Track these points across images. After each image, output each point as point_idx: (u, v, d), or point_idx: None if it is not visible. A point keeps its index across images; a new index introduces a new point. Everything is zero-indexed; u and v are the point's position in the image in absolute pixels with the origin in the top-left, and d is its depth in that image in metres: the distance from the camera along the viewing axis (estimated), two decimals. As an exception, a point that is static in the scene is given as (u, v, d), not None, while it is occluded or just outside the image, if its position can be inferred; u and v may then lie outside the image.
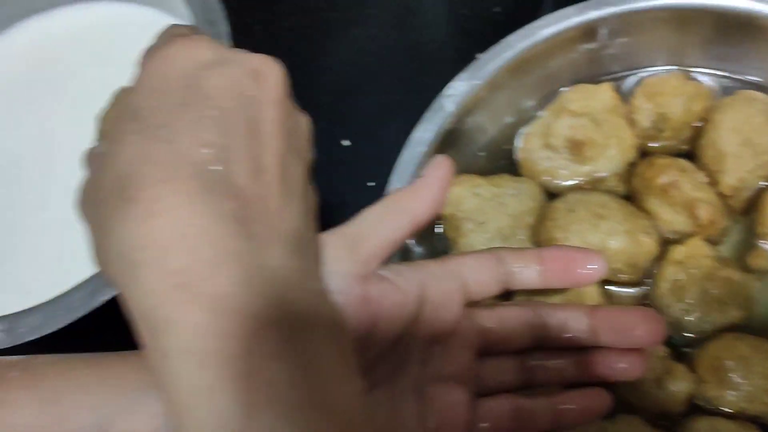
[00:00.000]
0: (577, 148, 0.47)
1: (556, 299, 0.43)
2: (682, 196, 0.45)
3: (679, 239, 0.46)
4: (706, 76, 0.51)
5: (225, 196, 0.25)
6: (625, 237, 0.44)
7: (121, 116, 0.28)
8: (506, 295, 0.38)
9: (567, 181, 0.49)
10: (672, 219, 0.46)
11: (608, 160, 0.48)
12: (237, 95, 0.27)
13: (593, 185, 0.49)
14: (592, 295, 0.45)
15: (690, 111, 0.48)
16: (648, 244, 0.45)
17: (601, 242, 0.44)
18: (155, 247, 0.24)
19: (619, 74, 0.52)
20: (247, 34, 0.65)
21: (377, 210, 0.33)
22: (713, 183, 0.47)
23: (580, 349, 0.37)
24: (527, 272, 0.36)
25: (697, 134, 0.48)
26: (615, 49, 0.50)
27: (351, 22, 0.64)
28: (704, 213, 0.45)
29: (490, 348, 0.37)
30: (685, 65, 0.51)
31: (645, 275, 0.46)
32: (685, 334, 0.44)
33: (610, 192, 0.48)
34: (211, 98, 0.27)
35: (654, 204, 0.46)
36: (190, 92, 0.27)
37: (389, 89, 0.48)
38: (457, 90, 0.46)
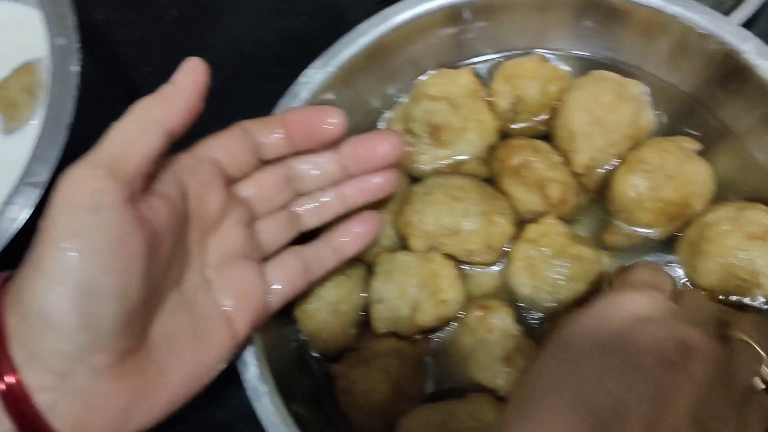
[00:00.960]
0: (436, 132, 0.48)
1: (414, 280, 0.44)
2: (535, 175, 0.46)
3: (536, 219, 0.47)
4: (567, 58, 0.51)
5: None
6: (480, 218, 0.45)
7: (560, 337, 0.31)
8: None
9: (428, 165, 0.49)
10: (526, 199, 0.47)
11: (468, 144, 0.48)
12: (658, 358, 0.29)
13: (454, 169, 0.49)
14: (449, 276, 0.45)
15: (546, 93, 0.49)
16: (503, 225, 0.46)
17: (456, 224, 0.45)
18: None
19: (483, 58, 0.52)
20: (128, 26, 0.64)
21: (127, 126, 0.31)
22: (567, 162, 0.47)
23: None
24: (274, 139, 0.38)
25: (553, 115, 0.49)
26: (476, 33, 0.50)
27: (230, 11, 0.64)
28: (555, 192, 0.45)
29: (259, 212, 0.39)
30: (547, 48, 0.51)
31: (502, 256, 0.47)
32: (538, 312, 0.45)
33: (471, 175, 0.49)
34: (629, 350, 0.29)
35: (509, 185, 0.47)
36: (613, 340, 0.29)
37: (269, 77, 0.48)
38: (311, 77, 0.46)
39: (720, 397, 0.29)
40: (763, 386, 0.32)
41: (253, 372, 0.41)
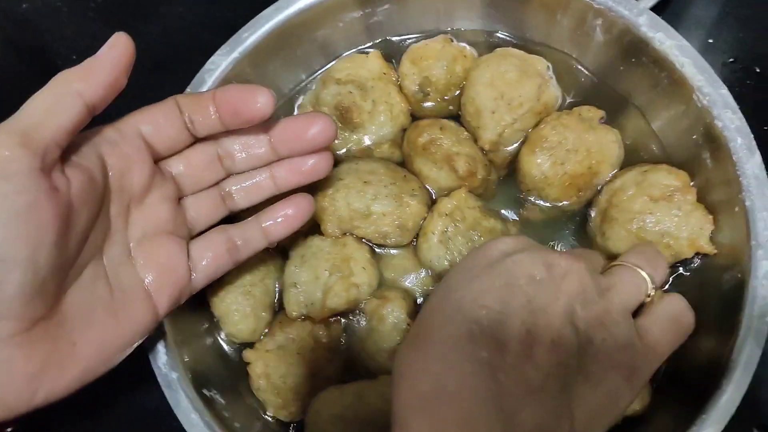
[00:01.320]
0: (345, 116, 0.48)
1: (326, 264, 0.45)
2: (442, 151, 0.46)
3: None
4: (474, 38, 0.52)
5: (484, 346, 0.30)
6: (390, 200, 0.45)
7: (440, 284, 0.35)
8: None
9: (340, 150, 0.49)
10: (436, 176, 0.47)
11: (379, 126, 0.49)
12: (527, 277, 0.33)
13: (368, 153, 0.49)
14: (362, 259, 0.46)
15: (452, 73, 0.49)
16: (414, 206, 0.46)
17: (367, 207, 0.45)
18: (413, 370, 0.31)
19: (395, 42, 0.52)
20: (54, 15, 0.63)
21: (45, 96, 0.31)
22: (475, 139, 0.48)
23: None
24: (206, 116, 0.37)
25: (461, 94, 0.49)
26: (383, 16, 0.50)
27: (159, 1, 0.63)
28: (461, 165, 0.46)
29: (188, 189, 0.39)
30: (454, 28, 0.52)
31: (416, 236, 0.47)
32: None
33: (384, 159, 0.49)
34: (501, 275, 0.33)
35: (419, 164, 0.47)
36: (486, 270, 0.34)
37: (199, 64, 0.47)
38: (217, 64, 0.46)
39: (593, 306, 0.33)
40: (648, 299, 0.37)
41: (162, 359, 0.41)
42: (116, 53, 0.33)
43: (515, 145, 0.48)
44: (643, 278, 0.36)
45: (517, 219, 0.48)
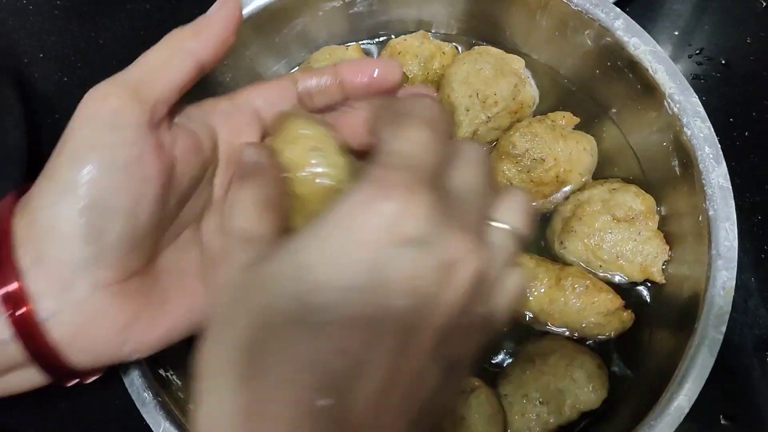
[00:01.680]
0: (321, 105, 0.48)
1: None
2: (414, 148, 0.46)
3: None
4: (454, 37, 0.52)
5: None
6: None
7: (282, 256, 0.26)
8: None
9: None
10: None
11: (354, 117, 0.49)
12: (411, 294, 0.24)
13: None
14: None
15: (429, 69, 0.49)
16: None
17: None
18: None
19: (375, 37, 0.53)
20: (20, 13, 0.64)
21: (158, 53, 0.31)
22: (450, 137, 0.48)
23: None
24: (326, 91, 0.35)
25: (437, 91, 0.49)
26: (364, 8, 0.50)
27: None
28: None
29: None
30: (435, 25, 0.52)
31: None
32: None
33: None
34: (376, 291, 0.24)
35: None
36: (356, 264, 0.24)
37: None
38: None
39: (472, 304, 0.26)
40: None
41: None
42: (226, 12, 0.33)
43: (490, 143, 0.48)
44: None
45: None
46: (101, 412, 0.50)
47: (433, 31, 0.51)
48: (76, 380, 0.33)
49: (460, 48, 0.51)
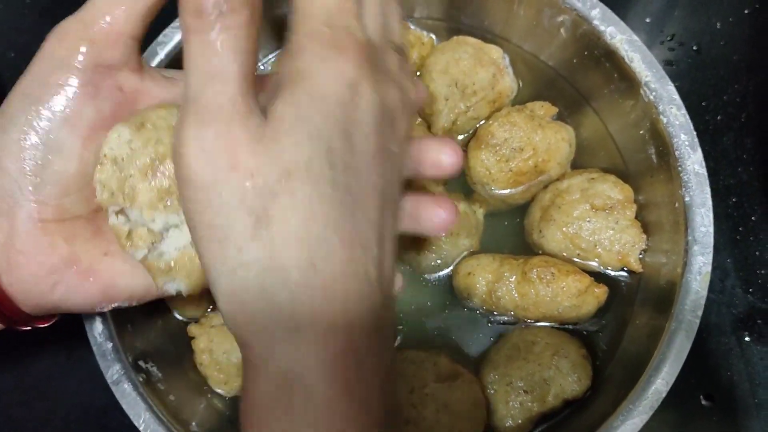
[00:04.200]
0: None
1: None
2: (393, 139, 0.46)
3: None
4: (433, 26, 0.51)
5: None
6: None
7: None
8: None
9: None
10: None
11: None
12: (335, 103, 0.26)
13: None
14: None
15: (408, 59, 0.49)
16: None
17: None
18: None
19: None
20: None
21: None
22: (429, 126, 0.48)
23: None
24: None
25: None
26: None
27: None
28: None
29: None
30: (414, 16, 0.52)
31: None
32: (426, 273, 0.47)
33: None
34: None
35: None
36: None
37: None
38: (170, 37, 0.46)
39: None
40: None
41: (98, 329, 0.41)
42: None
43: (469, 133, 0.48)
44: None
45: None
46: (80, 412, 0.50)
47: (416, 16, 0.51)
48: (27, 327, 0.33)
49: (436, 38, 0.51)
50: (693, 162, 0.41)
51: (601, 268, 0.45)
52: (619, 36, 0.43)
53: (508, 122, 0.45)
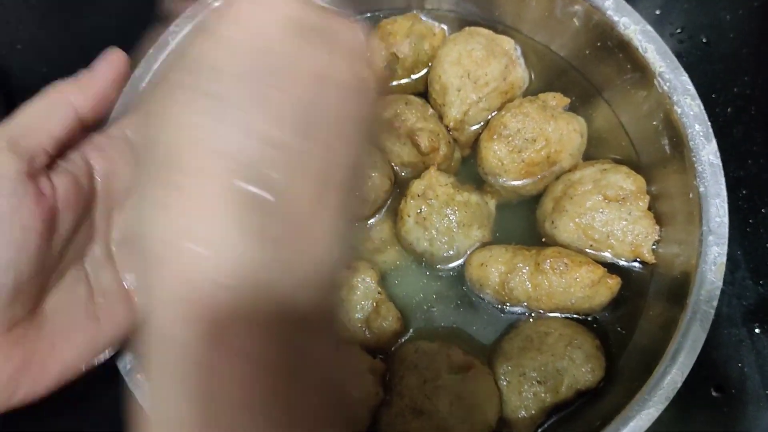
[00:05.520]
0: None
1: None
2: (406, 127, 0.46)
3: (411, 172, 0.47)
4: (445, 18, 0.51)
5: (255, 208, 0.22)
6: (351, 173, 0.45)
7: (185, 67, 0.24)
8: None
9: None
10: (399, 150, 0.47)
11: (344, 99, 0.48)
12: (312, 77, 0.24)
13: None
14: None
15: (420, 50, 0.49)
16: (375, 178, 0.46)
17: (327, 178, 0.45)
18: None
19: (365, 18, 0.52)
20: None
21: (40, 104, 0.32)
22: (441, 117, 0.48)
23: None
24: None
25: (428, 72, 0.49)
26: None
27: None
28: (423, 140, 0.46)
29: None
30: (426, 7, 0.52)
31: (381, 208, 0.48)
32: (440, 264, 0.46)
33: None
34: (280, 76, 0.23)
35: (383, 138, 0.47)
36: (263, 62, 0.23)
37: None
38: (182, 27, 0.45)
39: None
40: None
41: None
42: (110, 68, 0.34)
43: (480, 124, 0.48)
44: None
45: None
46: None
47: (427, 7, 0.51)
48: None
49: (447, 29, 0.51)
50: (708, 152, 0.41)
51: (614, 259, 0.45)
52: (633, 26, 0.43)
53: (521, 113, 0.45)
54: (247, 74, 0.23)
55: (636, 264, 0.45)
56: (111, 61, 0.34)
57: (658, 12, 0.57)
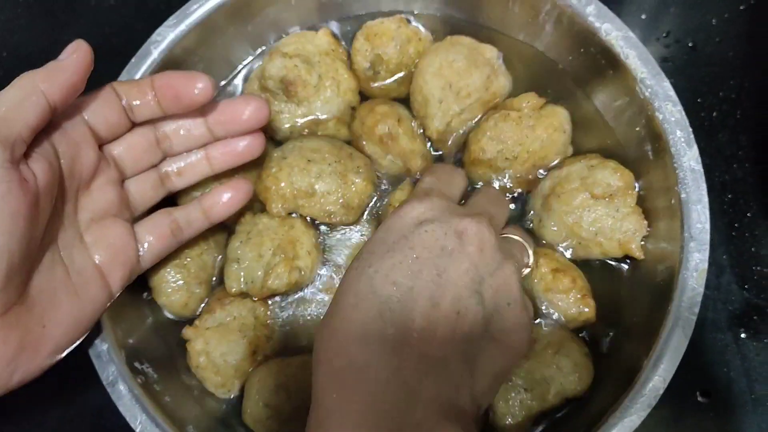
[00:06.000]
0: (289, 89, 0.47)
1: (271, 244, 0.44)
2: (399, 148, 0.47)
3: (392, 180, 0.48)
4: (431, 21, 0.51)
5: (392, 324, 0.32)
6: (335, 179, 0.45)
7: (357, 257, 0.36)
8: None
9: (286, 124, 0.49)
10: (389, 164, 0.48)
11: (325, 102, 0.48)
12: (437, 249, 0.34)
13: (315, 129, 0.49)
14: (308, 244, 0.45)
15: (405, 53, 0.49)
16: (359, 184, 0.46)
17: (310, 186, 0.45)
18: (330, 348, 0.33)
19: (349, 22, 0.52)
20: None
21: (13, 93, 0.33)
22: (423, 128, 0.48)
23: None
24: (145, 102, 0.39)
25: (410, 80, 0.49)
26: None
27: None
28: (416, 165, 0.47)
29: (129, 172, 0.41)
30: (412, 10, 0.51)
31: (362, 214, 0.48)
32: None
33: (332, 137, 0.49)
34: (413, 248, 0.34)
35: (372, 149, 0.48)
36: (400, 242, 0.35)
37: (132, 55, 0.47)
38: (163, 36, 0.45)
39: (499, 272, 0.35)
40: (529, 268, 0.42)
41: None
42: (77, 58, 0.35)
43: (460, 133, 0.48)
44: (527, 250, 0.42)
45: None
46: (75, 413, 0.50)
47: (415, 12, 0.51)
48: None
49: (432, 36, 0.51)
50: (689, 158, 0.41)
51: (602, 257, 0.45)
52: (615, 32, 0.43)
53: (496, 137, 0.45)
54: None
55: (624, 265, 0.45)
56: (77, 50, 0.35)
57: (644, 17, 0.57)
